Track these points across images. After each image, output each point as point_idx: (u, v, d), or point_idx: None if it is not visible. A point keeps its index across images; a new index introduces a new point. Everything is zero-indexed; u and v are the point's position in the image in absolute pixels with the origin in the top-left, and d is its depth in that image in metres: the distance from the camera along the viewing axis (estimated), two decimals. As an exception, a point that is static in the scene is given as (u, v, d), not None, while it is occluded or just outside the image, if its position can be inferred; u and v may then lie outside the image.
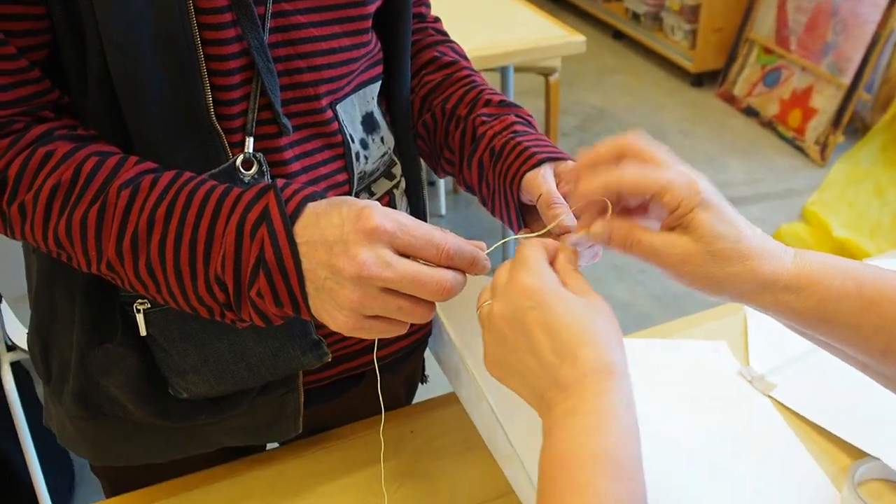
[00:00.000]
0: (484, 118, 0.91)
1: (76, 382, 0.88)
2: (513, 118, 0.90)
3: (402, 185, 0.98)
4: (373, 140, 0.91)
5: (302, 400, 0.93)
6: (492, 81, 0.98)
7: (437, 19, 1.04)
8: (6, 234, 0.77)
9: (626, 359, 0.62)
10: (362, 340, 0.96)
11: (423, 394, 1.17)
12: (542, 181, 0.82)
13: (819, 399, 1.07)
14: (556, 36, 2.53)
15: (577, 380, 0.59)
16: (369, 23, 0.86)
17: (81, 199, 0.71)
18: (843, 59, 3.73)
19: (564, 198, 0.81)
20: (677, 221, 0.68)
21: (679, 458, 0.99)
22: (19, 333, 1.76)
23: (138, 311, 0.83)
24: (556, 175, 0.83)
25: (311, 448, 1.02)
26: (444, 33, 1.03)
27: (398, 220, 0.66)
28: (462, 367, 0.94)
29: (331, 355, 0.88)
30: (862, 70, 3.64)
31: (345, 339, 0.94)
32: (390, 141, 0.95)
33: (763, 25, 4.18)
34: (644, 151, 0.70)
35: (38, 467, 1.81)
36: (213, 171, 0.76)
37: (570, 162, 0.84)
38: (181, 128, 0.75)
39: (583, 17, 5.39)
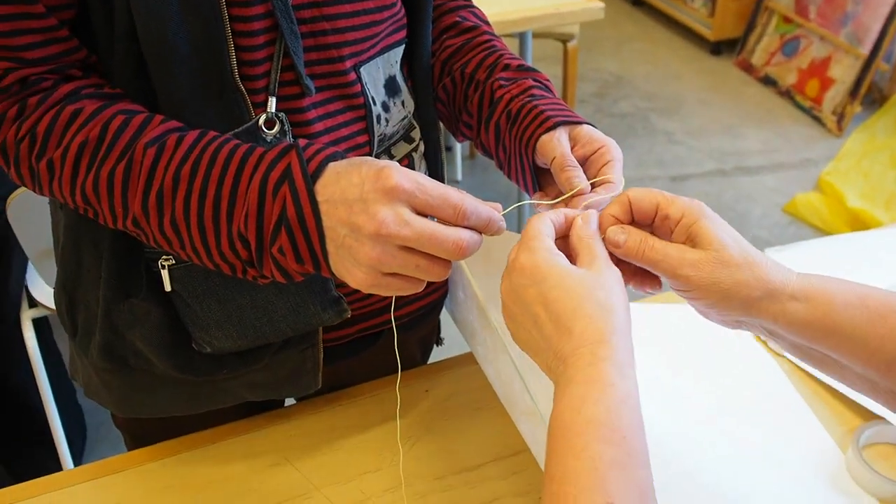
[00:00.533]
0: (502, 82, 0.92)
1: (102, 336, 0.91)
2: (530, 82, 0.91)
3: (421, 148, 0.99)
4: (394, 103, 0.92)
5: (321, 356, 0.96)
6: (510, 47, 0.99)
7: None
8: (34, 191, 0.79)
9: (625, 326, 0.64)
10: (381, 300, 0.98)
11: (437, 355, 1.19)
12: (556, 144, 0.83)
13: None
14: (574, 2, 2.52)
15: (572, 351, 0.62)
16: None
17: (108, 155, 0.73)
18: (862, 29, 3.70)
19: (579, 161, 0.82)
20: (684, 233, 0.71)
21: (686, 421, 1.01)
22: (41, 290, 1.80)
23: (163, 267, 0.85)
24: (572, 139, 0.84)
25: (329, 404, 1.05)
26: (468, 0, 1.03)
27: (417, 180, 0.68)
28: (479, 325, 0.96)
29: (350, 312, 0.90)
30: (881, 41, 3.61)
31: (364, 297, 0.96)
32: (410, 105, 0.96)
33: (783, -6, 4.14)
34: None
35: (58, 420, 1.85)
36: (235, 130, 0.78)
37: (585, 126, 0.85)
38: (206, 88, 0.77)
39: (601, -17, 5.35)
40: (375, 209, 0.66)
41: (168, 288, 0.86)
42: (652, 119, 3.87)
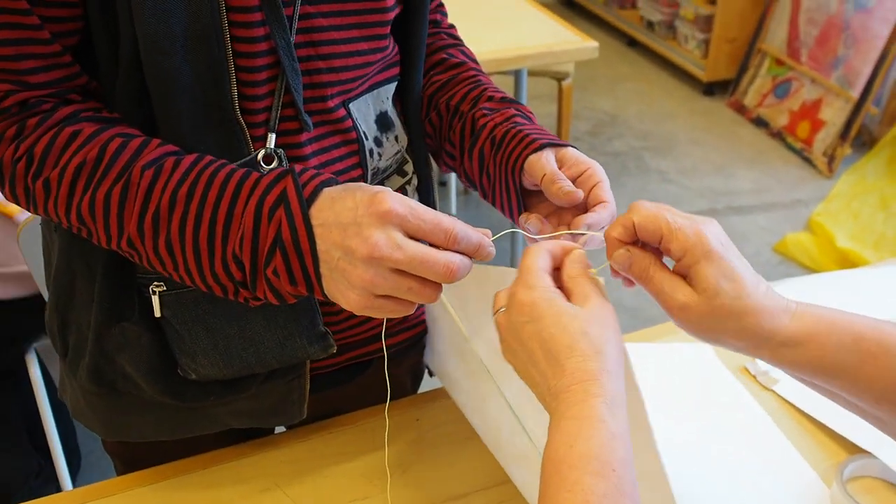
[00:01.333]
0: (485, 111, 0.94)
1: (91, 359, 0.92)
2: (513, 111, 0.93)
3: (414, 181, 1.01)
4: (387, 138, 0.94)
5: (308, 387, 0.97)
6: (505, 85, 1.02)
7: (451, 26, 1.07)
8: (29, 210, 0.80)
9: (616, 364, 0.65)
10: (370, 329, 0.99)
11: (427, 386, 1.20)
12: (545, 162, 0.84)
13: (818, 396, 1.10)
14: (569, 41, 2.56)
15: (565, 388, 0.63)
16: (388, 29, 0.90)
17: (105, 177, 0.74)
18: (853, 72, 3.76)
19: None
20: (683, 271, 0.70)
21: (668, 456, 1.02)
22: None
23: (154, 292, 0.86)
24: (557, 160, 0.86)
25: (318, 432, 1.05)
26: (458, 39, 1.06)
27: (409, 204, 0.70)
28: (461, 373, 0.97)
29: (336, 347, 0.92)
30: (871, 84, 3.66)
31: (352, 327, 0.98)
32: (404, 139, 0.98)
33: (775, 37, 4.20)
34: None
35: (58, 443, 1.86)
36: (235, 163, 0.79)
37: (570, 148, 0.86)
38: (207, 120, 0.79)
39: (598, 24, 5.42)
40: (369, 233, 0.68)
41: (158, 314, 0.87)
42: (645, 158, 3.91)
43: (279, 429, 1.10)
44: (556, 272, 0.72)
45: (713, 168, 3.83)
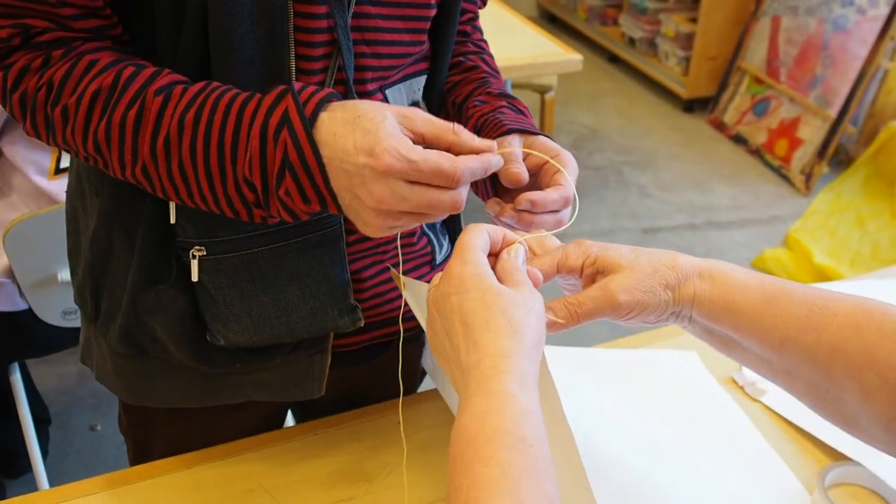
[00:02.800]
0: (476, 103, 0.97)
1: (124, 320, 0.94)
2: (504, 103, 0.96)
3: None
4: None
5: (328, 363, 0.99)
6: None
7: (482, 40, 1.11)
8: (47, 141, 0.82)
9: (531, 346, 0.65)
10: (392, 310, 1.03)
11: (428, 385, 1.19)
12: (506, 145, 0.87)
13: (805, 407, 1.11)
14: (553, 53, 2.59)
15: (475, 363, 0.63)
16: (427, 25, 0.94)
17: (120, 101, 0.76)
18: (831, 92, 3.81)
19: (533, 170, 0.86)
20: (593, 274, 0.79)
21: (653, 462, 1.03)
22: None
23: (194, 257, 0.88)
24: (527, 145, 0.88)
25: (304, 434, 1.05)
26: (482, 49, 1.09)
27: (408, 157, 0.71)
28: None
29: (363, 321, 0.96)
30: (848, 104, 3.72)
31: (375, 307, 1.01)
32: None
33: (755, 56, 4.25)
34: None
35: (35, 443, 1.85)
36: None
37: (541, 136, 0.89)
38: (264, 91, 0.80)
39: (580, 41, 5.46)
40: (372, 188, 0.71)
41: (195, 278, 0.89)
42: (625, 172, 3.94)
43: (273, 439, 1.10)
44: (492, 258, 0.75)
45: (692, 183, 3.86)
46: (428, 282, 0.76)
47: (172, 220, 0.87)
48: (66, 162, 1.66)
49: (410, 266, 1.05)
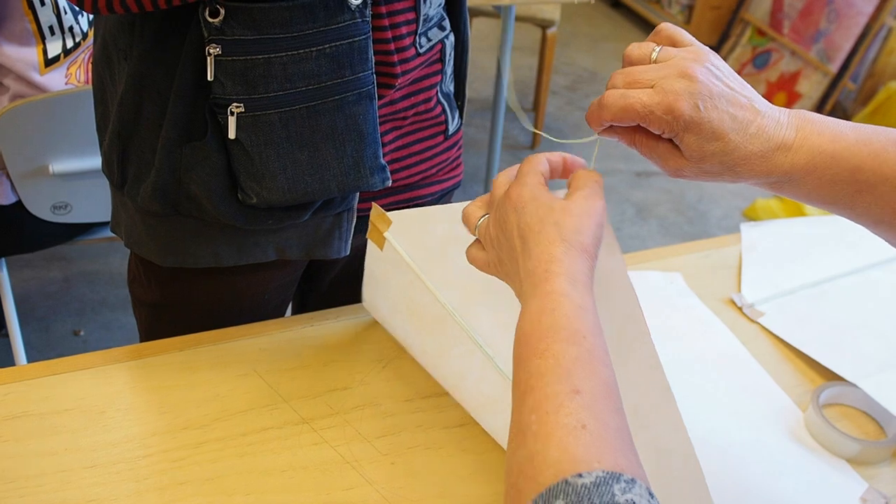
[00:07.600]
0: None
1: (158, 177, 0.94)
2: None
3: (451, 38, 1.08)
4: None
5: (353, 222, 1.03)
6: (492, 27, 1.07)
7: None
8: None
9: (584, 248, 0.66)
10: (418, 172, 1.07)
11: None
12: None
13: (802, 329, 1.11)
14: (560, -17, 2.54)
15: (531, 271, 0.66)
16: None
17: None
18: (833, 47, 3.78)
19: None
20: (671, 139, 0.70)
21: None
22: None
23: (231, 113, 0.88)
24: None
25: (300, 323, 1.05)
26: None
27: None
28: (410, 331, 1.01)
29: (392, 181, 1.00)
30: (850, 60, 3.69)
31: (402, 168, 1.06)
32: None
33: (759, 8, 4.21)
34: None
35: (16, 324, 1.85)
36: None
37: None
38: None
39: (581, -18, 5.39)
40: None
41: (232, 136, 0.89)
42: (621, 116, 3.91)
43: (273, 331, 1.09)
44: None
45: (688, 132, 3.83)
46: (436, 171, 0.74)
47: (210, 77, 0.87)
48: (54, 52, 1.62)
49: (426, 134, 1.07)
